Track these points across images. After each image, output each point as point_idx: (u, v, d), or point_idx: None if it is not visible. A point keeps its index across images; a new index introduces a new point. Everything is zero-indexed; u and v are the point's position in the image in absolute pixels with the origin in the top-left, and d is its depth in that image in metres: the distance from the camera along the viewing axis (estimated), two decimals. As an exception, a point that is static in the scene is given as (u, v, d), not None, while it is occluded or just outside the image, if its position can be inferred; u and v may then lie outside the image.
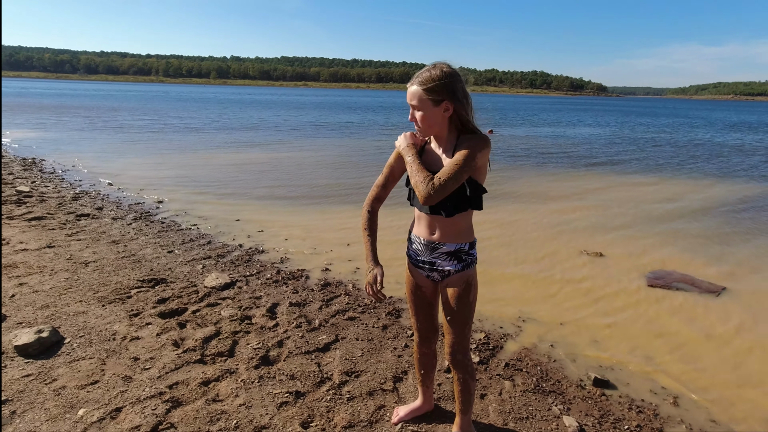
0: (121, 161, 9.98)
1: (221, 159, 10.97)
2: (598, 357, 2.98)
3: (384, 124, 23.58)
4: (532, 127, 23.81)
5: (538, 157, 12.76)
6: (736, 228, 6.19)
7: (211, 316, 3.19)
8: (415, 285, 1.91)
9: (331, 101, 55.64)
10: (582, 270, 4.51)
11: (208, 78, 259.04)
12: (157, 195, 6.97)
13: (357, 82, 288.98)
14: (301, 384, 2.48)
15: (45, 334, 2.69)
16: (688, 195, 8.27)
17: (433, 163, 1.71)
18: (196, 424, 2.13)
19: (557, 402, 2.46)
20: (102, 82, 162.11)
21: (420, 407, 2.24)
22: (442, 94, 1.58)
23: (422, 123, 1.64)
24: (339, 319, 3.28)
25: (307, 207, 6.78)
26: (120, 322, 3.03)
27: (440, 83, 1.57)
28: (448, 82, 1.58)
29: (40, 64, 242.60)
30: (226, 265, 4.23)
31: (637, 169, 11.22)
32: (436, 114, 1.62)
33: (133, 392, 2.33)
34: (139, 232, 5.07)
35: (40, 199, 6.18)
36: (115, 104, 32.30)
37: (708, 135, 22.51)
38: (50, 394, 2.28)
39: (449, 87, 1.58)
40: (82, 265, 3.97)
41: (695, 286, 4.15)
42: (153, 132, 16.31)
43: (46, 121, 18.67)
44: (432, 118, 1.63)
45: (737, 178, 10.32)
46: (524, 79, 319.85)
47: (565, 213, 6.71)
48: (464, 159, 1.57)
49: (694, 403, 2.56)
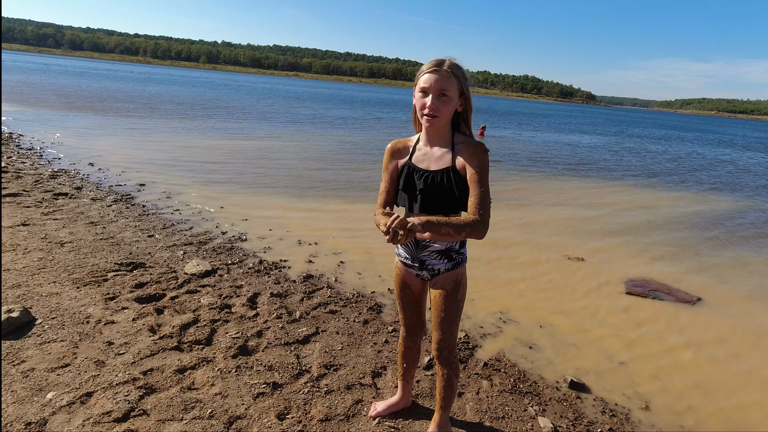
0: (104, 141, 9.73)
1: (208, 144, 10.78)
2: (576, 360, 3.02)
3: (381, 120, 23.50)
4: (525, 132, 24.02)
5: (523, 160, 12.88)
6: (712, 239, 6.35)
7: (190, 303, 3.14)
8: (404, 283, 1.91)
9: (326, 93, 55.18)
10: (563, 274, 4.57)
11: (198, 62, 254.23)
12: (139, 178, 6.81)
13: (349, 75, 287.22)
14: (278, 375, 2.45)
15: (15, 314, 2.61)
16: (669, 205, 8.44)
17: (429, 162, 1.70)
18: (170, 411, 2.09)
19: (533, 403, 2.48)
20: (87, 59, 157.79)
21: (398, 403, 2.24)
22: (465, 88, 1.61)
23: (444, 112, 1.60)
24: (320, 311, 3.26)
25: (293, 198, 6.72)
26: (95, 305, 2.95)
27: (466, 76, 1.60)
28: (467, 78, 1.61)
29: (22, 36, 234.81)
30: (207, 252, 4.16)
31: (622, 177, 11.41)
32: (455, 105, 1.63)
33: (106, 377, 2.27)
34: (119, 214, 4.95)
35: (16, 175, 5.99)
36: (106, 84, 31.51)
37: (706, 150, 23.05)
38: (18, 376, 2.21)
39: (467, 82, 1.61)
40: (58, 245, 3.86)
41: (672, 295, 4.24)
42: (139, 114, 15.94)
43: (27, 96, 18.10)
44: (453, 108, 1.63)
45: (722, 191, 10.58)
46: (515, 83, 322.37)
47: (549, 216, 6.79)
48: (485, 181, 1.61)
49: (666, 408, 2.62)
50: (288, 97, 37.45)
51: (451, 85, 1.57)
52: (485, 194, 1.59)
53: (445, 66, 1.58)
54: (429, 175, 1.67)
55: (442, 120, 1.62)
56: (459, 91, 1.61)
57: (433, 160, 1.69)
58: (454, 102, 1.61)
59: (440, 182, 1.65)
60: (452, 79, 1.57)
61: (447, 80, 1.57)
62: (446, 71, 1.57)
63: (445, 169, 1.65)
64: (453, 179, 1.63)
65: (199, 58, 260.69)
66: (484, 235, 1.58)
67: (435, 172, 1.66)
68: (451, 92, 1.58)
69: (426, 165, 1.70)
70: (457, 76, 1.58)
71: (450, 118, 1.65)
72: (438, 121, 1.61)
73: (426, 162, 1.70)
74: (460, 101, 1.63)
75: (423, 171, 1.69)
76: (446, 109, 1.60)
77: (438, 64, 1.58)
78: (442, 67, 1.57)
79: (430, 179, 1.67)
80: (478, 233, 1.57)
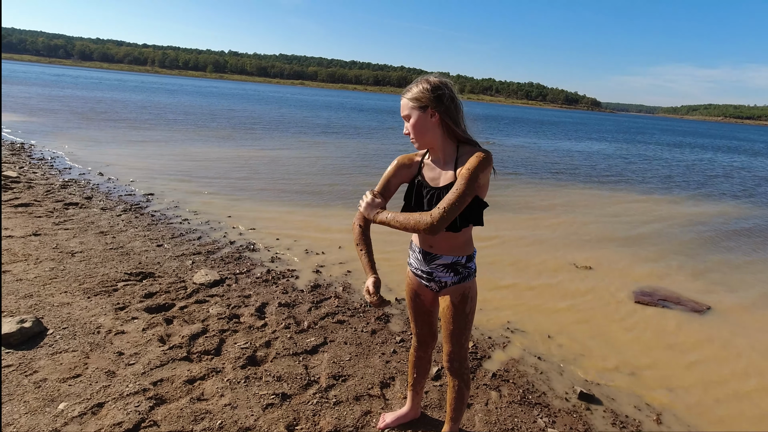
0: (113, 152, 9.85)
1: (215, 154, 10.88)
2: (585, 371, 3.00)
3: (390, 128, 23.59)
4: (533, 139, 24.01)
5: (531, 168, 12.86)
6: (722, 248, 6.29)
7: (199, 313, 3.16)
8: (415, 293, 1.93)
9: (336, 102, 55.48)
10: (571, 283, 4.55)
11: (205, 71, 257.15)
12: (148, 187, 6.89)
13: (354, 83, 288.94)
14: (287, 386, 2.46)
15: (27, 324, 2.64)
16: (678, 212, 8.38)
17: (435, 177, 1.71)
18: (180, 422, 2.10)
19: (542, 414, 2.47)
20: (96, 70, 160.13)
21: (406, 414, 2.24)
22: (426, 101, 1.62)
23: (413, 130, 1.67)
24: (328, 321, 3.27)
25: (300, 207, 6.75)
26: (105, 315, 2.98)
27: (424, 90, 1.63)
28: (432, 89, 1.62)
29: (34, 47, 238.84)
30: (215, 261, 4.19)
31: (630, 185, 11.36)
32: (424, 121, 1.64)
33: (116, 387, 2.29)
34: (128, 224, 5.00)
35: (28, 185, 6.07)
36: (115, 95, 31.92)
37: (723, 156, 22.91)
38: (30, 387, 2.23)
39: (434, 94, 1.62)
40: (69, 255, 3.90)
41: (681, 305, 4.21)
42: (148, 124, 16.13)
43: (38, 106, 18.38)
44: (421, 125, 1.65)
45: (730, 198, 10.50)
46: (520, 90, 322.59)
47: (556, 225, 6.77)
48: (466, 184, 1.54)
49: (677, 421, 2.59)
50: (298, 106, 37.71)
51: (407, 107, 1.65)
52: (457, 196, 1.53)
53: (404, 92, 1.68)
54: (435, 193, 1.69)
55: (418, 139, 1.68)
56: (420, 107, 1.63)
57: (440, 174, 1.70)
58: (418, 121, 1.64)
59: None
60: (406, 101, 1.65)
61: (404, 106, 1.66)
62: (403, 96, 1.67)
63: (450, 184, 1.66)
64: None
65: (206, 67, 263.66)
66: (431, 233, 1.54)
67: (441, 188, 1.67)
68: (409, 113, 1.65)
69: (435, 181, 1.71)
70: (412, 96, 1.64)
71: (429, 134, 1.66)
72: (416, 141, 1.69)
73: (434, 176, 1.72)
74: (430, 112, 1.63)
75: (430, 188, 1.71)
76: (413, 129, 1.66)
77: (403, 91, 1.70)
78: (403, 94, 1.68)
79: (435, 197, 1.68)
80: (426, 229, 1.54)
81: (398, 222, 1.61)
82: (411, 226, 1.57)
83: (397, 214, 1.63)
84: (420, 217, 1.56)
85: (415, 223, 1.56)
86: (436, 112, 1.63)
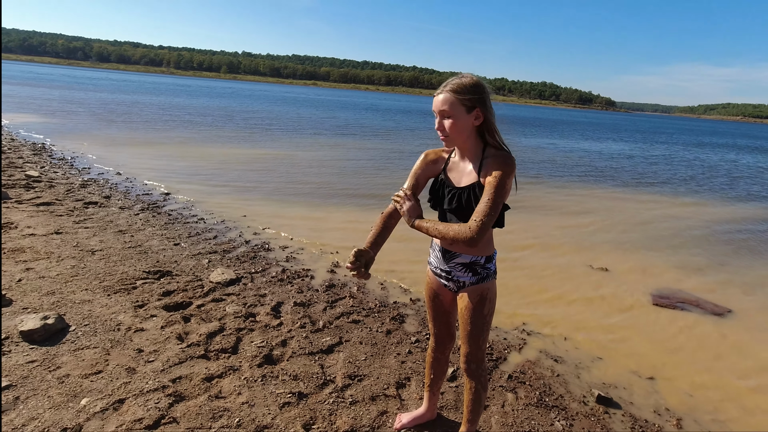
0: (131, 152, 10.02)
1: (231, 154, 11.00)
2: (602, 374, 2.96)
3: (411, 128, 23.59)
4: (551, 140, 23.79)
5: (549, 169, 12.74)
6: (745, 250, 6.15)
7: (216, 312, 3.19)
8: (434, 292, 1.93)
9: (351, 102, 55.65)
10: (587, 285, 4.49)
11: (219, 72, 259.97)
12: (165, 187, 6.98)
13: (366, 84, 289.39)
14: (303, 385, 2.47)
15: (50, 321, 2.70)
16: (699, 214, 8.23)
17: (457, 177, 1.71)
18: (199, 420, 2.13)
19: (560, 417, 2.44)
20: (114, 71, 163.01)
21: (423, 415, 2.23)
22: (474, 102, 1.59)
23: (451, 130, 1.62)
24: (343, 321, 3.28)
25: (315, 206, 6.78)
26: (125, 313, 3.03)
27: (473, 90, 1.58)
28: (480, 89, 1.60)
29: (53, 49, 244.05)
30: (231, 260, 4.23)
31: (651, 186, 11.18)
32: (467, 121, 1.62)
33: (137, 384, 2.33)
34: (146, 222, 5.08)
35: (49, 184, 6.21)
36: (132, 97, 32.45)
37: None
38: (54, 382, 2.28)
39: (481, 95, 1.60)
40: (89, 253, 3.98)
41: (700, 307, 4.13)
42: (164, 125, 16.37)
43: (59, 108, 18.77)
44: (462, 125, 1.62)
45: (754, 200, 10.27)
46: (533, 90, 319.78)
47: (573, 226, 6.69)
48: (498, 192, 1.55)
49: (698, 426, 2.54)
50: (314, 106, 37.91)
51: (450, 104, 1.59)
52: (490, 206, 1.54)
53: (446, 87, 1.61)
54: (456, 193, 1.68)
55: (454, 139, 1.64)
56: (467, 107, 1.60)
57: (464, 174, 1.70)
58: (460, 120, 1.61)
59: (467, 200, 1.65)
60: (452, 98, 1.59)
61: (446, 101, 1.59)
62: (446, 92, 1.60)
63: (471, 185, 1.65)
64: (478, 196, 1.63)
65: (221, 68, 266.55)
66: (472, 245, 1.55)
67: (462, 189, 1.67)
68: (451, 111, 1.60)
69: (457, 179, 1.71)
70: (460, 93, 1.58)
71: (466, 134, 1.64)
72: (450, 140, 1.65)
73: (457, 175, 1.72)
74: (474, 115, 1.62)
75: (452, 188, 1.70)
76: (453, 128, 1.61)
77: (442, 86, 1.62)
78: (444, 88, 1.61)
79: (456, 198, 1.67)
80: (469, 241, 1.54)
81: (437, 231, 1.61)
82: (450, 236, 1.57)
83: (437, 223, 1.63)
84: (459, 228, 1.56)
85: (454, 234, 1.57)
86: (482, 115, 1.62)
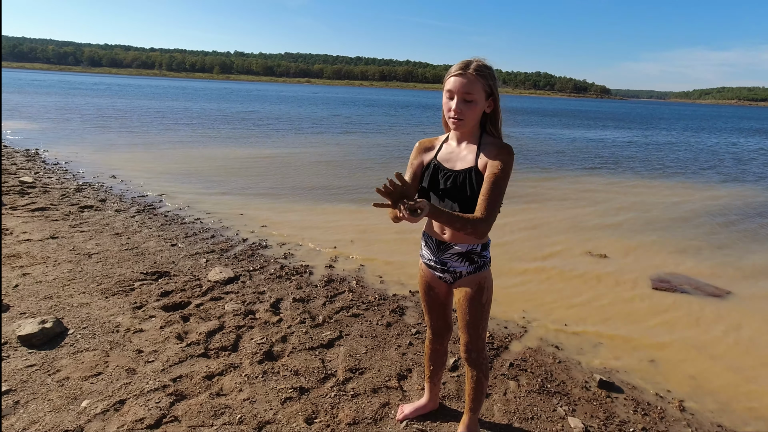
0: (125, 155, 9.97)
1: (226, 153, 10.95)
2: (604, 359, 2.97)
3: (410, 124, 23.53)
4: (545, 129, 23.76)
5: (543, 158, 12.72)
6: (744, 234, 6.16)
7: (215, 310, 3.18)
8: (428, 285, 1.90)
9: (350, 98, 55.45)
10: (587, 271, 4.49)
11: (212, 73, 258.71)
12: (160, 188, 6.95)
13: (360, 79, 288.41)
14: (305, 380, 2.46)
15: (49, 325, 2.68)
16: (693, 199, 8.23)
17: (451, 160, 1.70)
18: (200, 417, 2.12)
19: (562, 403, 2.44)
20: (106, 75, 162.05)
21: (425, 405, 2.23)
22: (492, 89, 1.59)
23: (469, 115, 1.58)
24: (343, 315, 3.27)
25: (312, 203, 6.76)
26: (123, 315, 3.02)
27: (493, 75, 1.58)
28: (495, 77, 1.59)
29: (44, 55, 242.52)
30: (229, 259, 4.22)
31: (644, 171, 11.18)
32: (483, 107, 1.61)
33: (137, 385, 2.32)
34: (142, 224, 5.06)
35: (44, 189, 6.17)
36: (125, 102, 32.31)
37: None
38: (54, 385, 2.27)
39: (496, 82, 1.60)
40: (86, 257, 3.96)
41: (700, 290, 4.13)
42: (157, 126, 16.29)
43: (53, 114, 18.66)
44: (480, 110, 1.61)
45: (747, 183, 10.29)
46: (528, 80, 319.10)
47: (571, 213, 6.69)
48: (500, 182, 1.56)
49: (701, 407, 2.55)
50: (313, 104, 37.77)
51: (475, 88, 1.55)
52: (496, 195, 1.56)
53: (470, 69, 1.55)
54: (452, 175, 1.66)
55: (468, 123, 1.61)
56: (486, 93, 1.58)
57: (458, 160, 1.68)
58: (480, 105, 1.59)
59: (462, 183, 1.64)
60: (478, 82, 1.55)
61: (472, 84, 1.54)
62: (472, 74, 1.54)
63: (468, 169, 1.64)
64: (474, 180, 1.62)
65: (213, 69, 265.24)
66: (484, 235, 1.57)
67: (458, 172, 1.65)
68: (476, 96, 1.56)
69: (451, 164, 1.69)
70: (485, 78, 1.55)
71: (477, 120, 1.64)
72: (464, 124, 1.61)
73: (451, 161, 1.70)
74: (488, 102, 1.61)
75: (447, 170, 1.68)
76: (471, 112, 1.59)
77: (464, 67, 1.55)
78: (468, 70, 1.54)
79: (452, 179, 1.66)
80: (479, 231, 1.55)
81: (443, 221, 1.53)
82: (458, 227, 1.55)
83: (443, 211, 1.53)
84: (466, 221, 1.54)
85: (462, 226, 1.54)
86: (494, 103, 1.62)
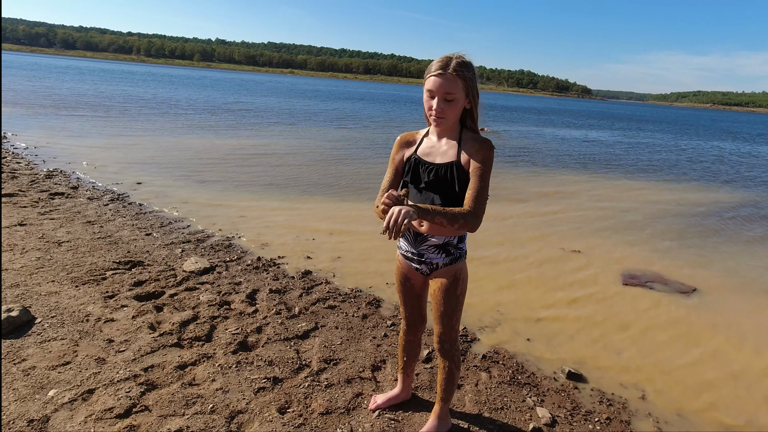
0: (99, 141, 9.69)
1: (203, 143, 10.76)
2: (573, 351, 3.05)
3: (376, 115, 23.46)
4: (528, 126, 24.04)
5: (523, 155, 12.90)
6: (708, 232, 6.39)
7: (189, 301, 3.15)
8: (405, 276, 1.92)
9: (339, 91, 54.93)
10: (560, 267, 4.60)
11: (192, 60, 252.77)
12: (136, 177, 6.80)
13: (345, 72, 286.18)
14: (279, 370, 2.47)
15: (14, 313, 2.61)
16: (669, 199, 8.48)
17: (431, 154, 1.71)
18: (171, 407, 2.11)
19: (531, 394, 2.51)
20: (81, 59, 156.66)
21: (398, 395, 2.26)
22: (471, 89, 1.61)
23: (450, 113, 1.61)
24: (319, 307, 3.28)
25: (290, 195, 6.72)
26: (94, 304, 2.96)
27: (472, 75, 1.59)
28: (474, 75, 1.61)
29: (14, 35, 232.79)
30: (205, 249, 4.17)
31: (621, 171, 11.45)
32: (463, 104, 1.63)
33: (107, 374, 2.28)
34: (116, 213, 4.94)
35: (11, 175, 5.96)
36: (102, 87, 31.33)
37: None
38: (19, 375, 2.22)
39: (475, 79, 1.62)
40: (56, 245, 3.85)
41: (668, 286, 4.28)
42: (134, 113, 15.87)
43: (23, 97, 17.97)
44: (460, 108, 1.63)
45: (718, 183, 10.64)
46: (511, 78, 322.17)
47: (546, 211, 6.82)
48: (484, 177, 1.61)
49: (662, 397, 2.65)
50: (302, 96, 37.31)
51: (455, 87, 1.56)
52: (483, 189, 1.61)
53: (450, 68, 1.55)
54: (434, 169, 1.68)
55: (449, 121, 1.64)
56: (466, 92, 1.60)
57: (439, 154, 1.70)
58: (460, 103, 1.61)
59: (443, 176, 1.66)
60: (457, 81, 1.56)
61: (452, 84, 1.56)
62: (452, 74, 1.55)
63: (450, 163, 1.66)
64: (456, 174, 1.64)
65: (194, 56, 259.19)
66: (476, 228, 1.61)
67: (440, 165, 1.68)
68: (456, 95, 1.58)
69: (432, 158, 1.71)
70: (464, 78, 1.56)
71: (458, 116, 1.66)
72: (445, 122, 1.64)
73: (432, 155, 1.72)
74: (468, 100, 1.63)
75: (428, 164, 1.70)
76: (452, 110, 1.61)
77: (443, 67, 1.56)
78: (447, 70, 1.55)
79: (434, 173, 1.68)
80: (471, 225, 1.59)
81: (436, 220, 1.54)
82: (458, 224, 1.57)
83: (436, 213, 1.53)
84: (457, 214, 1.56)
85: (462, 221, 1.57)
86: (470, 101, 1.63)
